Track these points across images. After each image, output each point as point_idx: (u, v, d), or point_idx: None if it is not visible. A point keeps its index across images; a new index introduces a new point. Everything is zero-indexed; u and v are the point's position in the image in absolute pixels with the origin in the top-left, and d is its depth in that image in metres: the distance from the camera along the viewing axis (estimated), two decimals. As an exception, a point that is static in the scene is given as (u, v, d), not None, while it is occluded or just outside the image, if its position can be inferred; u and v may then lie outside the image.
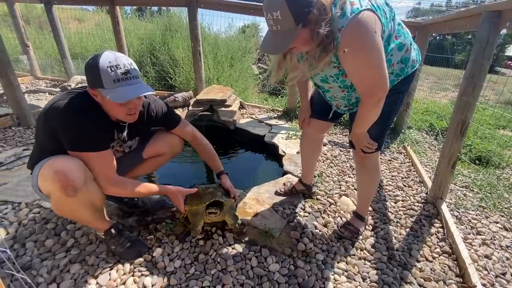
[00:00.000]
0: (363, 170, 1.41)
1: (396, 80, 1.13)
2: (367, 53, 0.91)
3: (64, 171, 0.97)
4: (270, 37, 0.92)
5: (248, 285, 1.15)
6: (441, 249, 1.47)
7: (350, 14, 0.87)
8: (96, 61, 0.95)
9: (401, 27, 1.08)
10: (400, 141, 2.93)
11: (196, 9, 3.34)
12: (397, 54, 1.07)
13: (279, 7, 0.83)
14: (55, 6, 3.98)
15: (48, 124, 1.01)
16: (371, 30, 0.88)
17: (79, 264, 1.18)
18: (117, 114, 1.07)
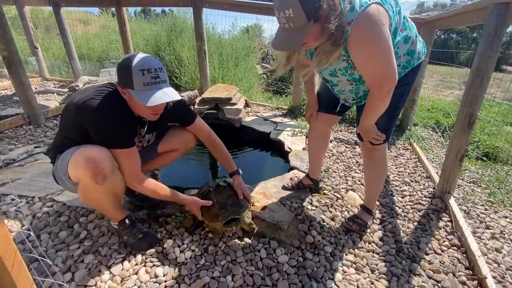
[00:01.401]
0: (371, 163, 1.42)
1: (403, 72, 1.14)
2: (377, 45, 0.93)
3: (95, 159, 1.01)
4: (282, 34, 0.93)
5: (258, 276, 1.17)
6: (450, 242, 1.47)
7: (359, 8, 0.89)
8: (129, 63, 1.00)
9: (406, 20, 1.10)
10: (406, 138, 2.93)
11: (201, 8, 3.38)
12: (403, 47, 1.09)
13: (291, 5, 0.85)
14: (63, 8, 4.05)
15: (78, 119, 1.06)
16: (380, 22, 0.90)
17: (92, 255, 1.21)
18: (142, 113, 1.13)
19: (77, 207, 1.48)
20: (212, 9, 3.54)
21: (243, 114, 3.09)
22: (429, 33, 2.69)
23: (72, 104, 1.08)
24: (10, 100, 3.64)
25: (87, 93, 1.08)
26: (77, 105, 1.05)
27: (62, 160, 1.09)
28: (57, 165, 1.14)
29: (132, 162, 1.16)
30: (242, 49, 4.84)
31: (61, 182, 1.16)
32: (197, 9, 3.36)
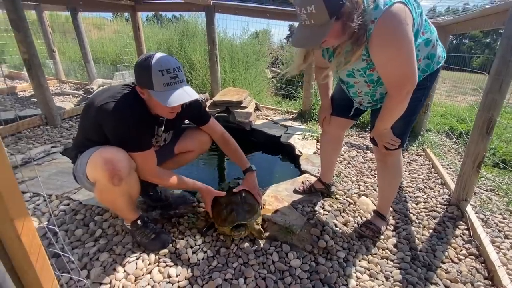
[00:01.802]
0: (385, 168, 1.40)
1: (422, 76, 1.13)
2: (400, 45, 0.92)
3: (113, 161, 1.03)
4: (303, 31, 0.92)
5: (270, 279, 1.16)
6: (467, 251, 1.43)
7: (383, 6, 0.89)
8: (149, 63, 1.01)
9: (427, 23, 1.08)
10: (419, 144, 2.87)
11: (214, 13, 3.43)
12: (424, 50, 1.07)
13: (314, 1, 0.84)
14: (79, 13, 4.19)
15: (98, 120, 1.08)
16: (404, 22, 0.89)
17: (107, 253, 1.23)
18: (161, 112, 1.15)
19: (92, 206, 1.51)
20: (225, 14, 3.59)
21: (253, 118, 3.10)
22: (443, 38, 2.65)
23: (92, 105, 1.11)
24: (28, 101, 3.76)
25: (105, 95, 1.11)
26: (96, 107, 1.08)
27: (82, 160, 1.12)
28: (77, 164, 1.17)
29: (148, 163, 1.19)
30: (252, 53, 4.88)
31: (80, 181, 1.19)
32: (210, 14, 3.42)
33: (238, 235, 1.31)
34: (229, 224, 1.29)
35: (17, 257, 0.65)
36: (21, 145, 2.26)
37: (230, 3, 3.38)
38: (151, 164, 1.20)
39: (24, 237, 0.62)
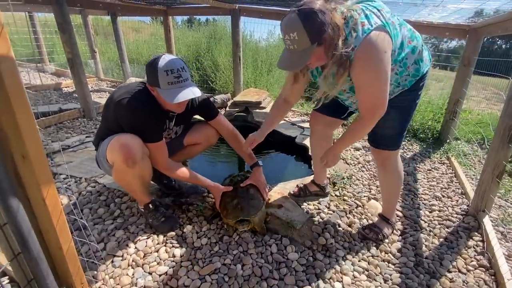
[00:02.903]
0: (386, 171, 1.39)
1: (414, 80, 1.16)
2: (376, 73, 0.98)
3: (128, 146, 1.17)
4: (288, 55, 0.99)
5: (266, 268, 1.22)
6: (478, 263, 1.36)
7: (362, 34, 0.94)
8: (155, 64, 1.14)
9: (412, 31, 1.11)
10: (443, 151, 2.74)
11: (239, 17, 3.57)
12: (411, 57, 1.11)
13: (296, 28, 0.91)
14: (119, 17, 4.57)
15: (115, 113, 1.24)
16: (382, 50, 0.95)
17: (122, 231, 1.37)
18: (169, 107, 1.28)
19: (114, 189, 1.68)
20: (250, 17, 3.71)
21: (271, 118, 3.16)
22: (475, 40, 2.51)
23: (111, 100, 1.25)
24: (71, 96, 4.18)
25: (122, 91, 1.25)
26: (114, 102, 1.22)
27: (103, 146, 1.27)
28: (99, 150, 1.32)
29: (160, 153, 1.32)
30: (276, 56, 4.95)
31: (101, 165, 1.35)
32: (235, 18, 3.56)
33: (241, 228, 1.37)
34: (234, 218, 1.36)
35: (41, 218, 0.78)
36: (61, 134, 2.55)
37: (255, 6, 3.49)
38: (162, 155, 1.32)
39: (48, 200, 0.75)
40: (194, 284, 1.12)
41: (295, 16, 0.91)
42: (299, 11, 0.91)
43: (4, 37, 0.59)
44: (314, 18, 0.90)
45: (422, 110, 3.30)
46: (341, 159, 2.36)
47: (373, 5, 1.04)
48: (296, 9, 0.92)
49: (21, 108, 0.64)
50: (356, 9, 0.98)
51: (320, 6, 0.92)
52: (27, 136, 0.66)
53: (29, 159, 0.68)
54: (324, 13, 0.91)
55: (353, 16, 0.96)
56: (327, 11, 0.92)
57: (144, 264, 1.21)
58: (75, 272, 0.88)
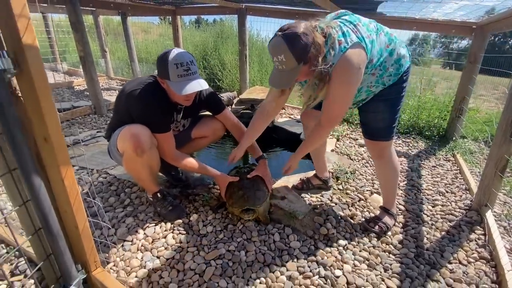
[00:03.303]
0: (382, 163, 1.42)
1: (396, 78, 1.23)
2: (349, 88, 1.09)
3: (137, 135, 1.24)
4: (278, 74, 1.09)
5: (269, 255, 1.26)
6: (479, 255, 1.37)
7: (338, 52, 1.03)
8: (166, 57, 1.21)
9: (389, 35, 1.18)
10: (449, 149, 2.73)
11: (245, 16, 3.62)
12: (390, 59, 1.19)
13: (283, 51, 0.99)
14: (128, 17, 4.69)
15: (126, 105, 1.31)
16: (356, 67, 1.04)
17: (132, 218, 1.44)
18: (177, 99, 1.34)
19: (124, 180, 1.75)
20: (256, 16, 3.76)
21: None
22: (481, 37, 2.51)
23: (123, 92, 1.32)
24: (82, 94, 4.31)
25: (133, 83, 1.32)
26: (125, 94, 1.29)
27: (114, 136, 1.34)
28: (110, 141, 1.39)
29: (167, 144, 1.38)
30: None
31: (112, 154, 1.42)
32: (242, 17, 3.61)
33: (246, 217, 1.42)
34: (239, 207, 1.41)
35: (59, 198, 0.85)
36: (73, 129, 2.65)
37: (261, 5, 3.54)
38: (169, 146, 1.38)
39: (67, 181, 0.81)
40: (199, 268, 1.18)
41: (280, 40, 0.99)
42: (284, 35, 0.99)
43: (30, 29, 0.65)
44: (299, 41, 0.99)
45: (428, 107, 3.29)
46: (345, 154, 2.39)
47: (350, 20, 1.12)
48: (281, 33, 1.00)
49: (44, 94, 0.71)
50: (334, 26, 1.07)
51: (303, 29, 1.00)
52: (49, 120, 0.73)
53: (50, 142, 0.75)
54: (307, 35, 1.00)
55: (331, 33, 1.05)
56: (309, 32, 1.01)
57: (152, 248, 1.27)
58: (89, 250, 0.94)
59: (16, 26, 0.62)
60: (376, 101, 1.31)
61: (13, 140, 0.67)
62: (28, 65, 0.66)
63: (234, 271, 1.18)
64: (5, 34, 0.65)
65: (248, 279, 1.16)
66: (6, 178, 0.75)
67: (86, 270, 0.97)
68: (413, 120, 3.21)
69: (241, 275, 1.17)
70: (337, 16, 1.17)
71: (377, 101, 1.30)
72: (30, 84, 0.68)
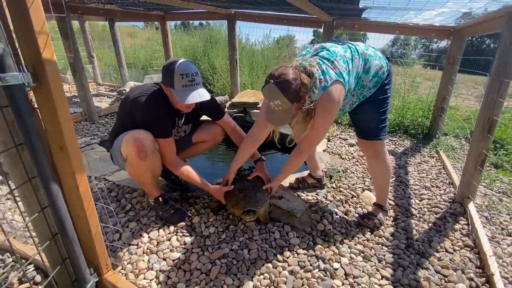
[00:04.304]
0: (377, 161, 1.52)
1: (379, 84, 1.35)
2: (329, 118, 1.28)
3: (141, 140, 1.29)
4: (274, 114, 1.22)
5: (271, 252, 1.32)
6: (464, 243, 1.49)
7: (320, 91, 1.19)
8: (173, 67, 1.28)
9: (363, 56, 1.32)
10: (432, 146, 2.89)
11: (235, 21, 3.69)
12: (367, 77, 1.32)
13: (278, 97, 1.13)
14: (116, 23, 4.66)
15: (131, 110, 1.35)
16: (336, 101, 1.20)
17: (135, 222, 1.46)
18: (179, 107, 1.40)
19: (124, 186, 1.77)
20: (245, 21, 3.84)
21: (269, 118, 3.28)
22: (458, 40, 2.68)
23: (127, 99, 1.36)
24: (70, 101, 4.25)
25: (138, 90, 1.37)
26: (130, 100, 1.34)
27: (118, 141, 1.38)
28: (114, 146, 1.42)
29: (168, 149, 1.42)
30: (272, 58, 5.09)
31: (116, 159, 1.44)
32: (231, 22, 3.68)
33: (247, 218, 1.46)
34: (241, 208, 1.45)
35: (73, 203, 0.88)
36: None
37: (250, 11, 3.62)
38: (170, 151, 1.43)
39: (81, 187, 0.85)
40: (205, 267, 1.23)
41: (274, 87, 1.12)
42: (277, 84, 1.12)
43: (49, 44, 0.69)
44: (290, 87, 1.12)
45: (412, 107, 3.46)
46: (336, 154, 2.49)
47: (327, 56, 1.25)
48: (273, 81, 1.13)
49: (61, 105, 0.75)
50: (314, 64, 1.20)
51: (292, 74, 1.13)
52: (66, 129, 0.77)
53: (66, 150, 0.79)
54: (296, 79, 1.13)
55: (313, 72, 1.18)
56: (297, 76, 1.14)
57: (158, 251, 1.31)
58: (101, 254, 0.98)
59: (37, 42, 0.66)
60: (363, 104, 1.41)
61: (34, 150, 0.71)
62: (47, 79, 0.70)
63: (238, 269, 1.24)
64: (24, 49, 0.69)
65: (253, 275, 1.21)
66: (23, 187, 0.78)
67: (98, 273, 1.00)
68: (399, 120, 3.37)
69: (245, 272, 1.22)
70: (316, 53, 1.30)
71: (364, 103, 1.41)
72: (48, 96, 0.72)
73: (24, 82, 0.67)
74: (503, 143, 3.01)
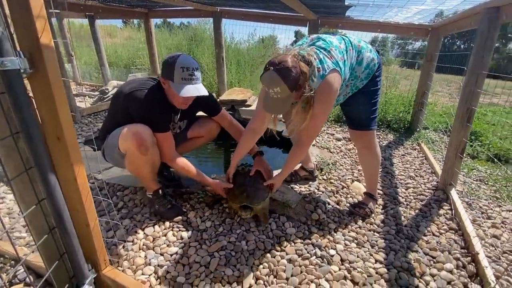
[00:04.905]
0: (369, 152, 1.58)
1: (370, 76, 1.41)
2: (326, 107, 1.28)
3: (140, 133, 1.26)
4: (273, 102, 1.20)
5: (268, 242, 1.34)
6: (448, 227, 1.58)
7: (318, 79, 1.20)
8: (174, 60, 1.26)
9: (356, 47, 1.36)
10: (414, 139, 3.03)
11: (221, 19, 3.69)
12: (360, 68, 1.37)
13: (278, 84, 1.12)
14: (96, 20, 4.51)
15: (126, 104, 1.31)
16: (334, 89, 1.22)
17: (129, 220, 1.43)
18: (176, 101, 1.38)
19: (114, 184, 1.72)
20: (231, 19, 3.84)
21: (257, 115, 3.30)
22: (435, 38, 2.83)
23: (121, 93, 1.33)
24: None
25: (133, 84, 1.34)
26: (125, 94, 1.30)
27: (112, 137, 1.34)
28: (107, 142, 1.38)
29: (167, 143, 1.40)
30: (258, 57, 5.12)
31: (110, 156, 1.40)
32: (217, 20, 3.67)
33: (244, 214, 1.43)
34: (239, 202, 1.43)
35: (71, 196, 0.85)
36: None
37: (236, 9, 3.63)
38: (168, 146, 1.41)
39: (79, 179, 0.83)
40: (204, 260, 1.22)
41: (275, 74, 1.11)
42: (277, 70, 1.11)
43: (47, 29, 0.67)
44: (290, 74, 1.11)
45: (394, 103, 3.61)
46: (325, 148, 2.55)
47: (324, 46, 1.27)
48: (273, 68, 1.12)
49: (59, 93, 0.72)
50: (312, 53, 1.21)
51: (291, 62, 1.12)
52: (63, 119, 0.74)
53: (64, 141, 0.76)
54: (296, 67, 1.12)
55: (311, 61, 1.18)
56: (296, 64, 1.13)
57: (154, 247, 1.28)
58: (99, 249, 0.95)
59: (35, 27, 0.64)
60: (355, 95, 1.46)
61: (31, 138, 0.68)
62: (44, 65, 0.68)
63: (237, 260, 1.24)
64: (21, 34, 0.66)
65: (252, 265, 1.23)
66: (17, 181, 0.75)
67: (96, 269, 0.97)
68: (382, 115, 3.50)
69: (244, 263, 1.23)
70: (312, 43, 1.32)
71: (356, 95, 1.46)
72: (45, 83, 0.70)
73: (20, 67, 0.65)
74: (478, 135, 3.21)
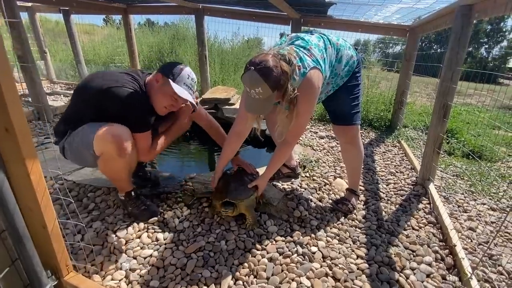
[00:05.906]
0: (352, 147, 1.57)
1: (350, 73, 1.41)
2: (309, 106, 1.27)
3: (120, 136, 1.19)
4: (255, 102, 1.18)
5: (249, 241, 1.29)
6: (427, 220, 1.60)
7: (300, 78, 1.18)
8: (183, 67, 1.33)
9: (335, 45, 1.35)
10: (394, 137, 3.09)
11: (203, 16, 3.61)
12: (339, 66, 1.36)
13: (259, 85, 1.09)
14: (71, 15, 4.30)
15: (100, 101, 1.22)
16: (316, 86, 1.21)
17: (100, 222, 1.34)
18: (159, 102, 1.32)
19: (85, 185, 1.61)
20: (214, 17, 3.78)
21: (240, 114, 3.25)
22: (414, 38, 2.90)
23: (91, 87, 1.22)
24: (19, 100, 3.81)
25: (108, 79, 1.22)
26: (101, 90, 1.20)
27: (83, 135, 1.23)
28: (70, 140, 1.27)
29: (147, 142, 1.35)
30: (242, 56, 5.08)
31: (75, 155, 1.29)
32: (199, 17, 3.60)
33: (224, 212, 1.36)
34: (219, 198, 1.37)
35: (23, 195, 0.77)
36: (14, 137, 2.34)
37: (219, 6, 3.57)
38: (148, 142, 1.35)
39: (33, 175, 0.74)
40: (180, 261, 1.16)
41: (256, 74, 1.08)
42: (258, 70, 1.08)
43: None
44: (271, 74, 1.09)
45: (375, 102, 3.68)
46: (308, 146, 2.55)
47: (303, 45, 1.26)
48: (254, 68, 1.09)
49: (5, 72, 0.64)
50: (292, 52, 1.19)
51: (272, 61, 1.10)
52: (12, 107, 0.66)
53: (13, 132, 0.68)
54: (277, 67, 1.10)
55: (291, 60, 1.16)
56: (277, 63, 1.11)
57: (127, 249, 1.20)
58: (60, 253, 0.87)
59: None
60: (336, 91, 1.45)
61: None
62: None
63: (216, 260, 1.19)
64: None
65: (231, 266, 1.17)
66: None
67: (57, 276, 0.89)
68: (364, 114, 3.55)
69: (223, 263, 1.18)
70: (291, 42, 1.30)
71: (337, 91, 1.45)
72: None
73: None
74: (454, 132, 3.32)
